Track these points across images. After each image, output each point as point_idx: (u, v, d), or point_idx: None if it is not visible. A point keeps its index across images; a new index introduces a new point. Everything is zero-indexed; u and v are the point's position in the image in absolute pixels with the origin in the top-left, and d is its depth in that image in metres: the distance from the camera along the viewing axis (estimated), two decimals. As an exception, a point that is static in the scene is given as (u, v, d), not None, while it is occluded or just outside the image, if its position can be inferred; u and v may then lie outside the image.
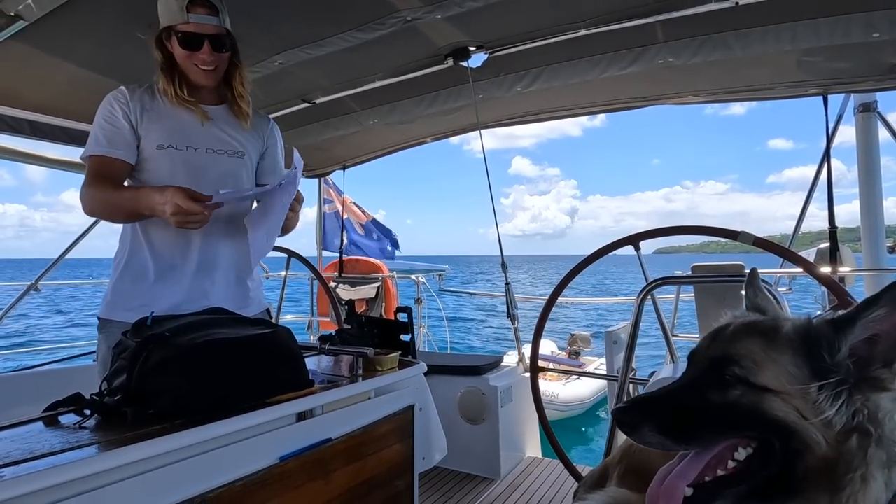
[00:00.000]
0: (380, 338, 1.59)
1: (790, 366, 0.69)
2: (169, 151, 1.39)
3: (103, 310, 1.41)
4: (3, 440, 0.83)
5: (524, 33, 2.13)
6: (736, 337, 0.75)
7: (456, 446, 1.94)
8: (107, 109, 1.40)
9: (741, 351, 0.72)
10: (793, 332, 0.71)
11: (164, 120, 1.41)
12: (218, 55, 1.41)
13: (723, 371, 0.72)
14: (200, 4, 1.35)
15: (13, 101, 2.41)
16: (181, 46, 1.37)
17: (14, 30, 1.72)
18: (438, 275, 5.20)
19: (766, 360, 0.70)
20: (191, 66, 1.40)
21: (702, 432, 0.72)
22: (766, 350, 0.70)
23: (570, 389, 6.24)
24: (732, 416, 0.70)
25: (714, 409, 0.71)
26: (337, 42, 2.06)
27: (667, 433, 0.71)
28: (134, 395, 0.94)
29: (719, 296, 2.25)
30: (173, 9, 1.34)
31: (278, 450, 1.03)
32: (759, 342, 0.72)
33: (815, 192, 2.91)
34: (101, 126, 1.39)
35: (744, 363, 0.70)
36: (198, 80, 1.42)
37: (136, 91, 1.43)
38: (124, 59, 2.07)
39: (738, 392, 0.70)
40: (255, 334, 1.07)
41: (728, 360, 0.72)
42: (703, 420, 0.71)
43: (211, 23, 1.36)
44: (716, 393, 0.71)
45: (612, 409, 0.77)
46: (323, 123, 3.10)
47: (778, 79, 2.37)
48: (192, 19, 1.34)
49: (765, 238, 1.87)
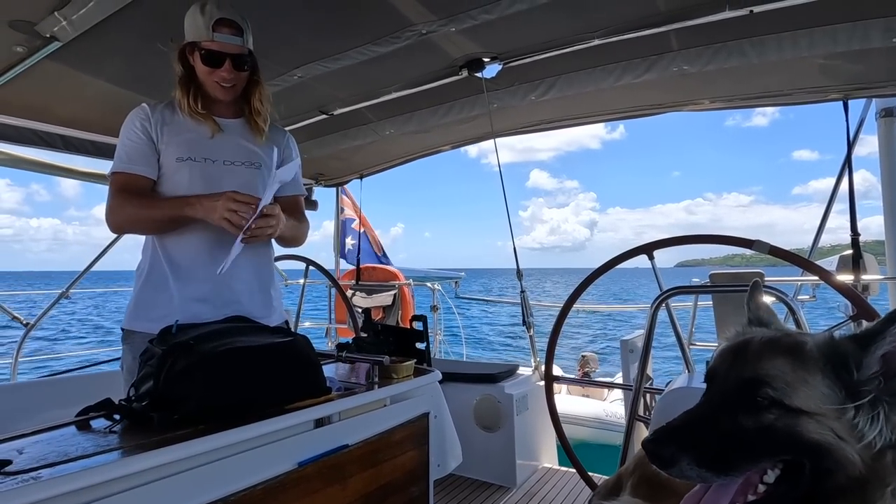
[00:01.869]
0: (396, 346, 1.62)
1: (822, 386, 0.67)
2: (188, 164, 1.44)
3: (126, 320, 1.46)
4: (39, 443, 0.88)
5: (538, 44, 2.15)
6: (762, 356, 0.71)
7: (471, 454, 1.95)
8: (129, 127, 1.46)
9: (771, 371, 0.69)
10: (818, 350, 0.69)
11: (183, 133, 1.46)
12: (238, 73, 1.46)
13: (754, 393, 0.68)
14: (226, 24, 1.40)
15: (46, 116, 2.52)
16: (203, 63, 1.42)
17: (49, 50, 1.81)
18: (455, 282, 5.22)
19: (798, 381, 0.67)
20: (210, 82, 1.45)
21: (739, 460, 0.68)
22: (797, 370, 0.68)
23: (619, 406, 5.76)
24: (767, 441, 0.67)
25: (748, 433, 0.68)
26: (354, 55, 2.11)
27: (706, 465, 0.67)
28: (160, 401, 0.98)
29: (737, 305, 2.22)
30: (199, 26, 1.39)
31: (297, 455, 1.06)
32: (788, 361, 0.69)
33: (840, 205, 2.86)
34: (124, 144, 1.45)
35: (776, 384, 0.68)
36: (215, 95, 1.48)
37: (157, 107, 1.48)
38: (151, 74, 2.15)
39: (772, 415, 0.67)
40: (275, 342, 1.11)
41: (759, 382, 0.69)
42: (738, 446, 0.68)
43: (234, 43, 1.41)
44: (748, 417, 0.68)
45: (643, 440, 0.72)
46: (341, 134, 3.16)
47: (796, 85, 2.34)
48: (217, 38, 1.39)
49: (789, 250, 1.85)
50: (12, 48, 1.81)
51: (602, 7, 1.87)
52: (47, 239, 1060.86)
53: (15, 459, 0.78)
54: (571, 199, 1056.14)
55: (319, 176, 4.07)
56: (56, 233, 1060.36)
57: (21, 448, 0.84)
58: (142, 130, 1.44)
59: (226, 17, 1.40)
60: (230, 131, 1.53)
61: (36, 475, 0.72)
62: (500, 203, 2.94)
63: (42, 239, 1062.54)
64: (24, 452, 0.82)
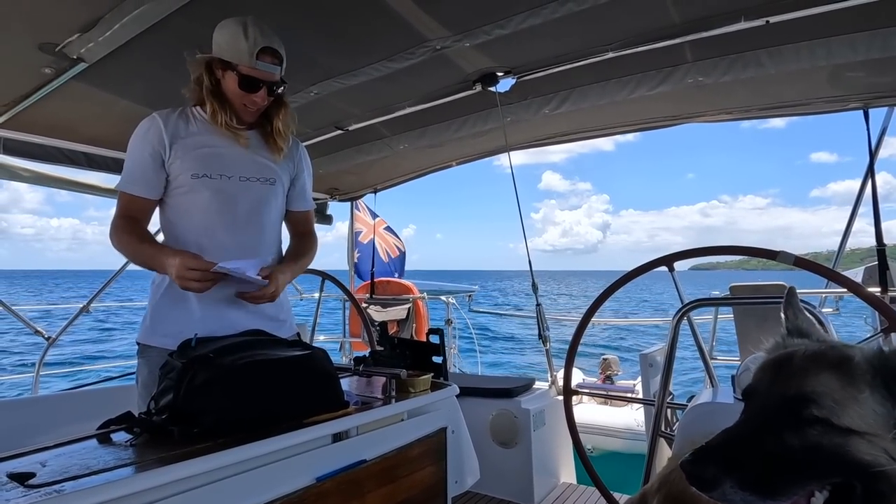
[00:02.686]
0: (412, 359, 1.60)
1: (874, 403, 0.63)
2: (203, 181, 1.43)
3: (142, 334, 1.44)
4: (61, 456, 0.88)
5: (551, 57, 2.16)
6: (808, 372, 0.67)
7: (488, 470, 1.91)
8: (137, 140, 1.45)
9: (818, 388, 0.65)
10: (867, 364, 0.66)
11: (198, 148, 1.45)
12: (268, 98, 1.48)
13: (799, 411, 0.65)
14: (270, 53, 1.41)
15: (71, 134, 2.59)
16: (239, 87, 1.41)
17: (75, 71, 1.87)
18: (468, 295, 5.20)
19: (847, 399, 0.64)
20: (239, 104, 1.45)
21: (785, 483, 0.64)
22: (845, 387, 0.64)
23: None
24: (815, 462, 0.63)
25: (794, 454, 0.64)
26: (369, 72, 2.15)
27: (750, 488, 0.63)
28: (180, 414, 0.98)
29: (760, 317, 2.18)
30: (242, 50, 1.38)
31: (315, 470, 1.05)
32: (835, 377, 0.65)
33: (862, 208, 2.80)
34: (130, 158, 1.46)
35: (823, 402, 0.64)
36: (242, 115, 1.48)
37: (169, 117, 1.46)
38: (172, 94, 2.20)
39: (819, 434, 0.63)
40: (293, 356, 1.11)
41: (804, 399, 0.65)
42: (784, 468, 0.64)
43: (274, 72, 1.43)
44: (793, 436, 0.64)
45: (681, 461, 0.68)
46: (355, 149, 3.20)
47: (814, 94, 2.32)
48: (259, 66, 1.38)
49: (809, 256, 1.81)
50: (41, 70, 1.87)
51: (616, 20, 1.87)
52: (67, 238, 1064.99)
53: (38, 472, 0.79)
54: (584, 201, 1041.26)
55: (334, 191, 4.11)
56: (75, 232, 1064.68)
57: (44, 461, 0.85)
58: (149, 146, 1.43)
59: (270, 47, 1.41)
60: (247, 145, 1.52)
61: (59, 488, 0.73)
62: (513, 204, 2.93)
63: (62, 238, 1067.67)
64: (47, 465, 0.82)
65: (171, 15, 1.56)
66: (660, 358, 2.46)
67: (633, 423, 5.21)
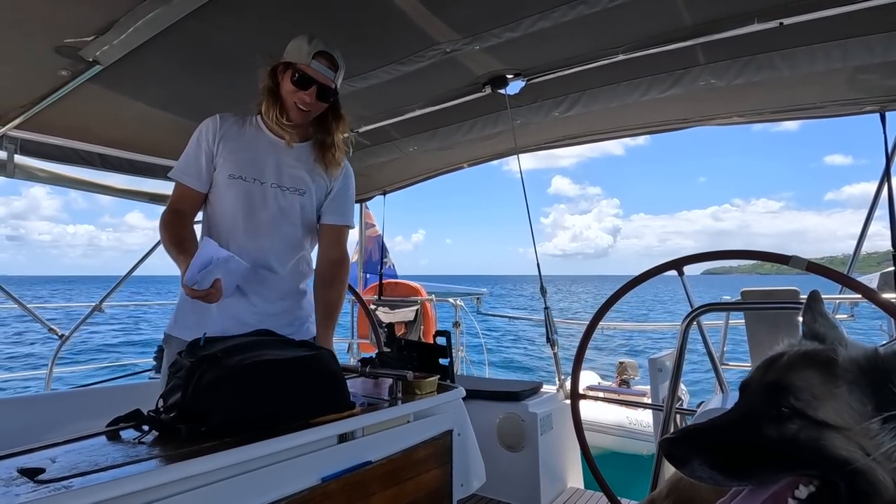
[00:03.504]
0: (419, 361, 1.60)
1: (853, 401, 0.65)
2: (237, 182, 1.50)
3: (169, 326, 1.53)
4: (70, 452, 0.89)
5: (562, 60, 2.16)
6: (792, 367, 0.71)
7: (494, 474, 1.90)
8: (196, 135, 1.55)
9: (798, 382, 0.68)
10: (853, 363, 0.67)
11: (241, 151, 1.52)
12: (318, 103, 1.52)
13: (778, 402, 0.68)
14: (326, 57, 1.50)
15: (86, 136, 2.63)
16: (292, 83, 1.49)
17: (91, 73, 1.90)
18: (476, 298, 5.19)
19: (826, 394, 0.66)
20: (291, 102, 1.51)
21: (756, 468, 0.68)
22: (826, 383, 0.66)
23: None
24: (790, 452, 0.66)
25: (769, 443, 0.67)
26: (379, 75, 2.16)
27: (718, 468, 0.68)
28: (188, 413, 0.99)
29: (772, 323, 2.15)
30: (302, 52, 1.48)
31: (321, 470, 1.05)
32: (818, 373, 0.68)
33: (878, 211, 2.75)
34: (187, 150, 1.55)
35: (801, 395, 0.67)
36: (291, 113, 1.53)
37: (228, 119, 1.55)
38: (187, 97, 2.24)
39: (795, 426, 0.66)
40: (300, 356, 1.12)
41: (783, 391, 0.68)
42: (758, 455, 0.67)
43: (327, 75, 1.50)
44: (771, 427, 0.67)
45: (660, 439, 0.73)
46: (365, 151, 3.21)
47: (829, 97, 2.28)
48: (314, 66, 1.48)
49: (824, 260, 1.78)
50: (57, 72, 1.91)
51: (627, 22, 1.86)
52: (82, 245, 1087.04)
53: (48, 468, 0.80)
54: (594, 205, 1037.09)
55: (344, 192, 4.13)
56: (91, 239, 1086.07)
57: (54, 457, 0.86)
58: (205, 141, 1.52)
59: (327, 52, 1.50)
60: (290, 155, 1.57)
61: (68, 484, 0.74)
62: (521, 209, 2.93)
63: (78, 245, 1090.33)
64: (57, 461, 0.83)
65: (183, 19, 1.58)
66: (669, 363, 2.43)
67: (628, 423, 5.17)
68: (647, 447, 5.08)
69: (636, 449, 4.99)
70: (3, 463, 0.83)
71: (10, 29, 1.66)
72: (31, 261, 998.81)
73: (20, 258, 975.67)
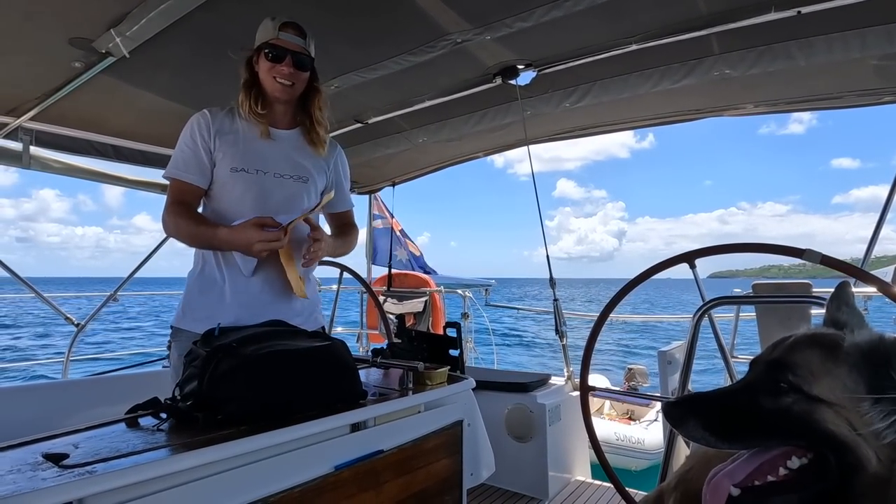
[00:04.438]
0: (429, 352, 1.61)
1: (848, 379, 0.68)
2: (241, 175, 1.50)
3: (175, 319, 1.52)
4: (92, 438, 0.92)
5: (573, 50, 2.13)
6: (795, 346, 0.75)
7: (503, 464, 1.92)
8: (188, 133, 1.53)
9: (798, 360, 0.72)
10: (855, 347, 0.70)
11: (239, 144, 1.52)
12: (297, 72, 1.52)
13: (777, 377, 0.72)
14: (291, 27, 1.50)
15: (99, 127, 2.66)
16: (266, 59, 1.49)
17: (104, 65, 1.91)
18: (485, 289, 5.20)
19: (823, 372, 0.70)
20: (270, 80, 1.51)
21: (747, 434, 0.73)
22: (825, 361, 0.70)
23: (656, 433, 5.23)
24: (782, 423, 0.70)
25: (764, 413, 0.71)
26: (389, 65, 2.15)
27: (711, 430, 0.73)
28: (204, 401, 1.01)
29: (783, 316, 2.13)
30: (268, 28, 1.50)
31: (333, 459, 1.07)
32: (819, 353, 0.72)
33: (889, 213, 2.70)
34: (181, 149, 1.52)
35: (799, 371, 0.71)
36: (275, 93, 1.52)
37: (217, 114, 1.54)
38: (197, 87, 2.25)
39: (790, 399, 0.70)
40: (314, 346, 1.13)
41: (783, 367, 0.72)
42: (751, 423, 0.72)
43: (297, 42, 1.50)
44: (768, 398, 0.72)
45: (665, 402, 0.79)
46: (374, 142, 3.21)
47: (846, 88, 2.24)
48: (281, 37, 1.49)
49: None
50: (71, 64, 1.92)
51: (640, 12, 1.84)
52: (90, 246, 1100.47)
53: (71, 453, 0.82)
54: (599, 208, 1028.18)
55: (353, 184, 4.14)
56: (99, 241, 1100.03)
57: (77, 443, 0.88)
58: (199, 138, 1.50)
59: (291, 22, 1.51)
60: (284, 143, 1.58)
61: (91, 469, 0.76)
62: (526, 213, 2.96)
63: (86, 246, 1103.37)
64: (80, 447, 0.86)
65: (194, 10, 1.59)
66: (679, 355, 2.43)
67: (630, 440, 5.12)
68: (636, 462, 5.09)
69: (624, 464, 4.99)
70: (28, 448, 0.85)
71: (25, 21, 1.68)
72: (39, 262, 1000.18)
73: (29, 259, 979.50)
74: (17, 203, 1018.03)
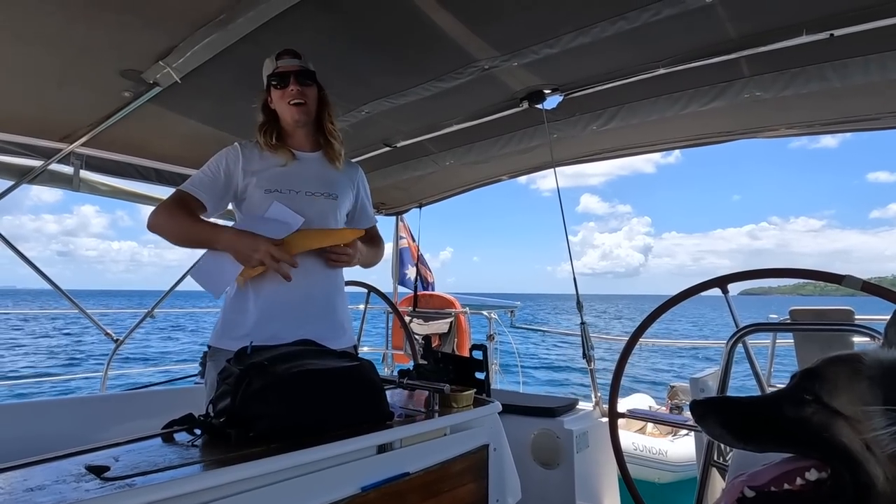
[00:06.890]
0: (455, 374, 1.61)
1: (869, 396, 0.69)
2: (275, 195, 1.58)
3: (212, 338, 1.58)
4: (131, 452, 0.95)
5: (600, 74, 2.15)
6: (830, 362, 0.76)
7: (529, 491, 1.88)
8: (215, 160, 1.63)
9: (826, 374, 0.74)
10: (877, 362, 0.71)
11: (270, 168, 1.61)
12: (304, 88, 1.60)
13: (805, 386, 0.74)
14: (286, 52, 1.61)
15: (144, 152, 2.80)
16: (276, 89, 1.60)
17: (151, 94, 2.03)
18: (510, 311, 5.16)
19: (846, 387, 0.71)
20: (284, 106, 1.60)
21: (763, 438, 0.75)
22: (852, 377, 0.71)
23: (681, 447, 5.06)
24: (799, 432, 0.72)
25: (784, 420, 0.74)
26: (419, 91, 2.21)
27: (728, 428, 0.77)
28: (237, 418, 1.03)
29: (824, 344, 2.04)
30: (268, 65, 1.62)
31: (360, 480, 1.08)
32: (848, 369, 0.73)
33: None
34: (203, 171, 1.62)
35: (825, 385, 0.72)
36: (292, 117, 1.61)
37: (247, 146, 1.65)
38: (236, 115, 2.35)
39: (811, 410, 0.72)
40: (343, 366, 1.15)
41: (814, 377, 0.74)
42: (768, 428, 0.75)
43: (294, 63, 1.60)
44: (790, 407, 0.74)
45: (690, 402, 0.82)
46: (402, 165, 3.28)
47: (885, 108, 2.18)
48: (280, 64, 1.60)
49: (871, 281, 1.69)
50: (121, 94, 2.05)
51: (668, 37, 1.85)
52: (125, 260, 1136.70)
53: (112, 466, 0.85)
54: (624, 223, 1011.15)
55: (381, 205, 4.21)
56: (133, 255, 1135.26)
57: (117, 456, 0.91)
58: (224, 167, 1.59)
59: (285, 49, 1.61)
60: (310, 163, 1.66)
61: (131, 482, 0.78)
62: (550, 229, 2.96)
63: (121, 260, 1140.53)
64: (120, 460, 0.89)
65: (237, 42, 1.68)
66: (712, 383, 2.35)
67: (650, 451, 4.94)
68: (658, 474, 4.89)
69: (646, 475, 4.81)
70: (72, 459, 0.89)
71: (82, 55, 1.80)
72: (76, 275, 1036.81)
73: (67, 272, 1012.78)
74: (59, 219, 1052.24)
